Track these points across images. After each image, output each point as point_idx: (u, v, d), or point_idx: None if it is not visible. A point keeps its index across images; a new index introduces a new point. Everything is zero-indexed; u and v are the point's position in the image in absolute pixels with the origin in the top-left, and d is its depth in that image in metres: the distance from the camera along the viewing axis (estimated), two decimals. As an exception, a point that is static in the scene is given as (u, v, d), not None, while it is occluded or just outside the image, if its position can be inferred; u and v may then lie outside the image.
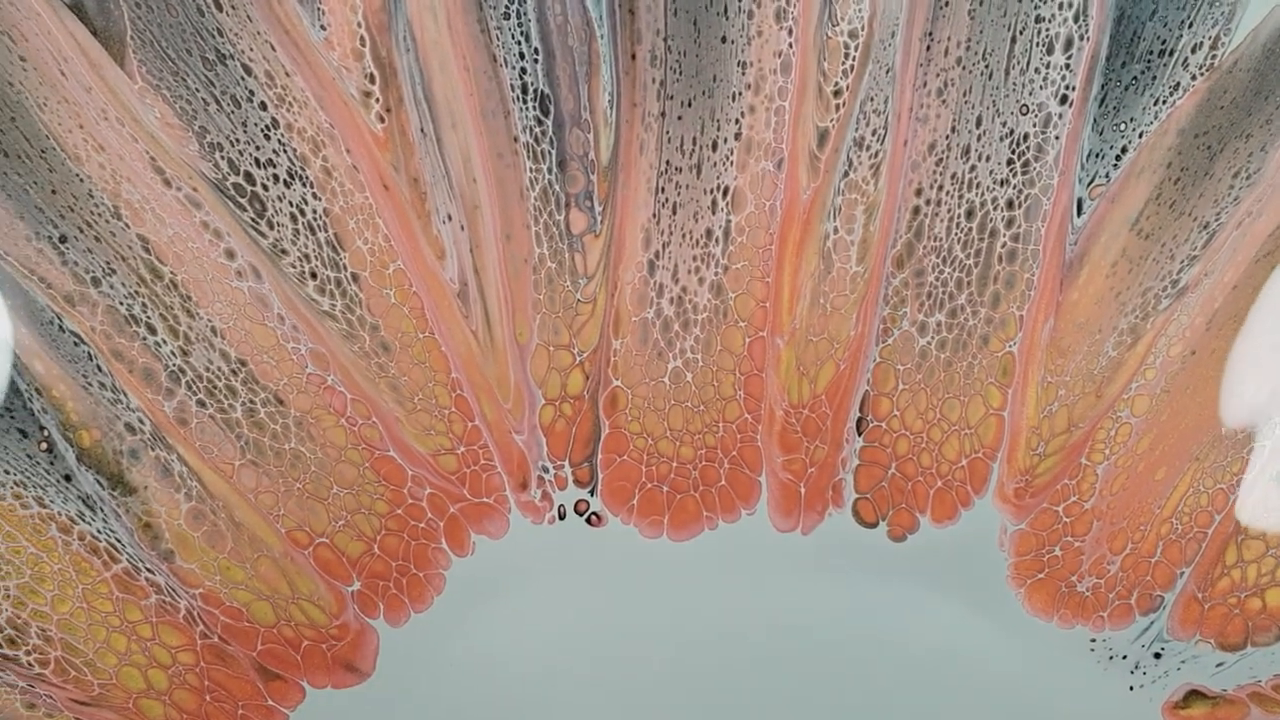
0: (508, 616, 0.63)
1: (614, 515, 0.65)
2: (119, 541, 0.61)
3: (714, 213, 0.63)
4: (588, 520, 0.65)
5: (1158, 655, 0.63)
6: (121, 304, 0.60)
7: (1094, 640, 0.63)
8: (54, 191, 0.59)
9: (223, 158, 0.60)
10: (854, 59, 0.60)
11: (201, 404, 0.62)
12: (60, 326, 0.60)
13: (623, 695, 0.63)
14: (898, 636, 0.63)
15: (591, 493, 0.65)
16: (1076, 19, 0.59)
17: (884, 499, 0.65)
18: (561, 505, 0.65)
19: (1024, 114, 0.61)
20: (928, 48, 0.61)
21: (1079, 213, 0.62)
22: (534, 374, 0.64)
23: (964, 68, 0.61)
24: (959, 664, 0.63)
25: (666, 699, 0.63)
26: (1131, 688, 0.63)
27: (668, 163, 0.62)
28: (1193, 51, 0.60)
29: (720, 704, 0.63)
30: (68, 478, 0.60)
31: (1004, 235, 0.62)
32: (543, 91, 0.61)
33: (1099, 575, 0.63)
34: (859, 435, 0.64)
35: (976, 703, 0.63)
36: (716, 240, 0.63)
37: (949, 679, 0.63)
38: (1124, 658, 0.63)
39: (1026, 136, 0.61)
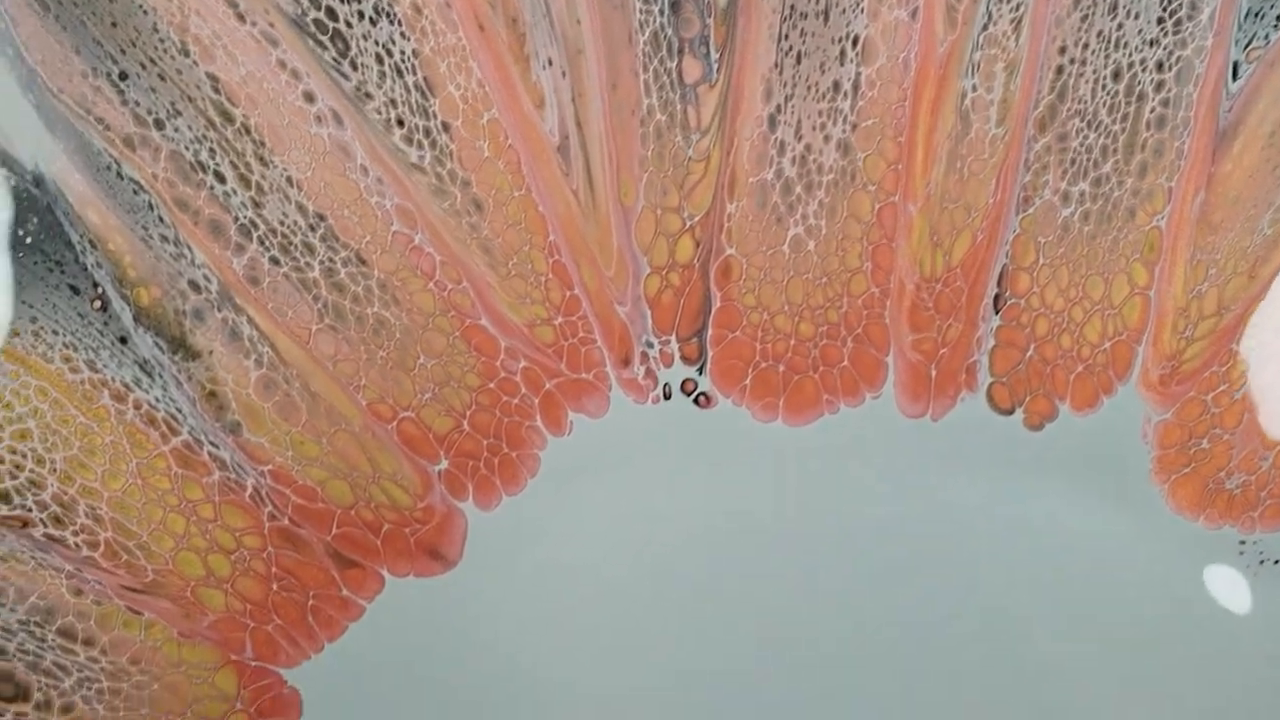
0: (606, 502, 0.57)
1: (724, 396, 0.57)
2: (179, 412, 0.54)
3: (842, 64, 0.55)
4: (695, 401, 0.57)
5: None
6: (187, 149, 0.53)
7: (1243, 542, 0.57)
8: (114, 24, 0.52)
9: None
10: (994, -97, 0.52)
11: (275, 261, 0.54)
12: (118, 173, 0.53)
13: (727, 589, 0.57)
14: (1031, 532, 0.57)
15: (700, 371, 0.57)
16: None
17: (1021, 383, 0.57)
18: (667, 384, 0.57)
19: None
20: (1074, -108, 0.52)
21: (1234, 77, 0.55)
22: (639, 239, 0.56)
23: (1114, -84, 0.52)
24: (1095, 564, 0.57)
25: (775, 593, 0.57)
26: None
27: (792, 8, 0.54)
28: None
29: (834, 599, 0.57)
30: (123, 340, 0.53)
31: (1153, 100, 0.55)
32: None
33: (1250, 471, 0.57)
34: (996, 313, 0.57)
35: (1113, 604, 0.57)
36: (845, 94, 0.56)
37: (1084, 579, 0.57)
38: (1276, 562, 0.56)
39: None
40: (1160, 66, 0.55)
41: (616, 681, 0.56)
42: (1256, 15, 0.54)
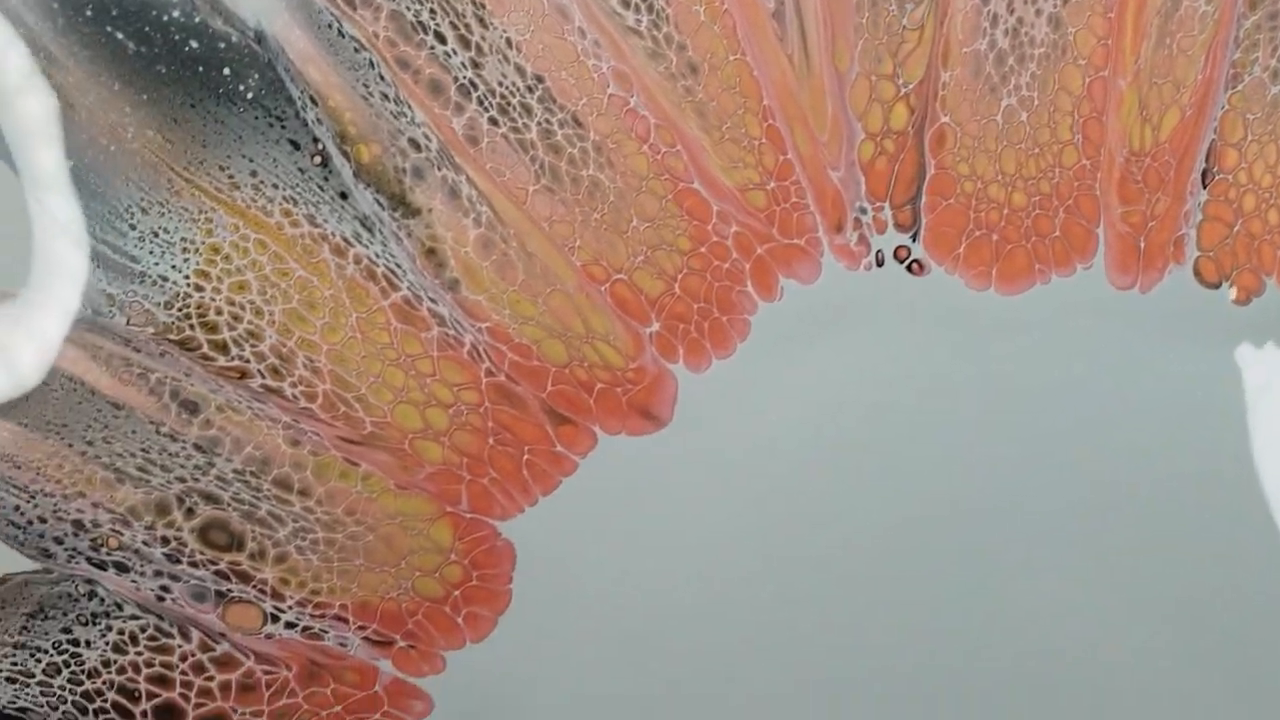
0: (817, 366, 0.52)
1: (937, 264, 0.52)
2: (399, 267, 0.50)
3: None
4: (908, 268, 0.52)
5: None
6: (408, 9, 0.49)
7: None
8: None
9: None
10: None
11: (493, 122, 0.50)
12: (339, 31, 0.48)
13: (934, 451, 0.52)
14: (1237, 405, 0.52)
15: (913, 238, 0.52)
16: None
17: (1228, 258, 0.52)
18: (880, 250, 0.52)
19: None
20: None
21: None
22: (853, 105, 0.51)
23: None
24: None
25: (982, 458, 0.52)
26: None
27: None
28: None
29: (1040, 466, 0.52)
30: (343, 195, 0.49)
31: None
32: None
33: None
34: (1203, 188, 0.52)
35: None
36: None
37: None
38: None
39: None
40: None
41: (818, 545, 0.52)
42: None
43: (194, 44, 0.47)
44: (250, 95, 0.48)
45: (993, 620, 0.52)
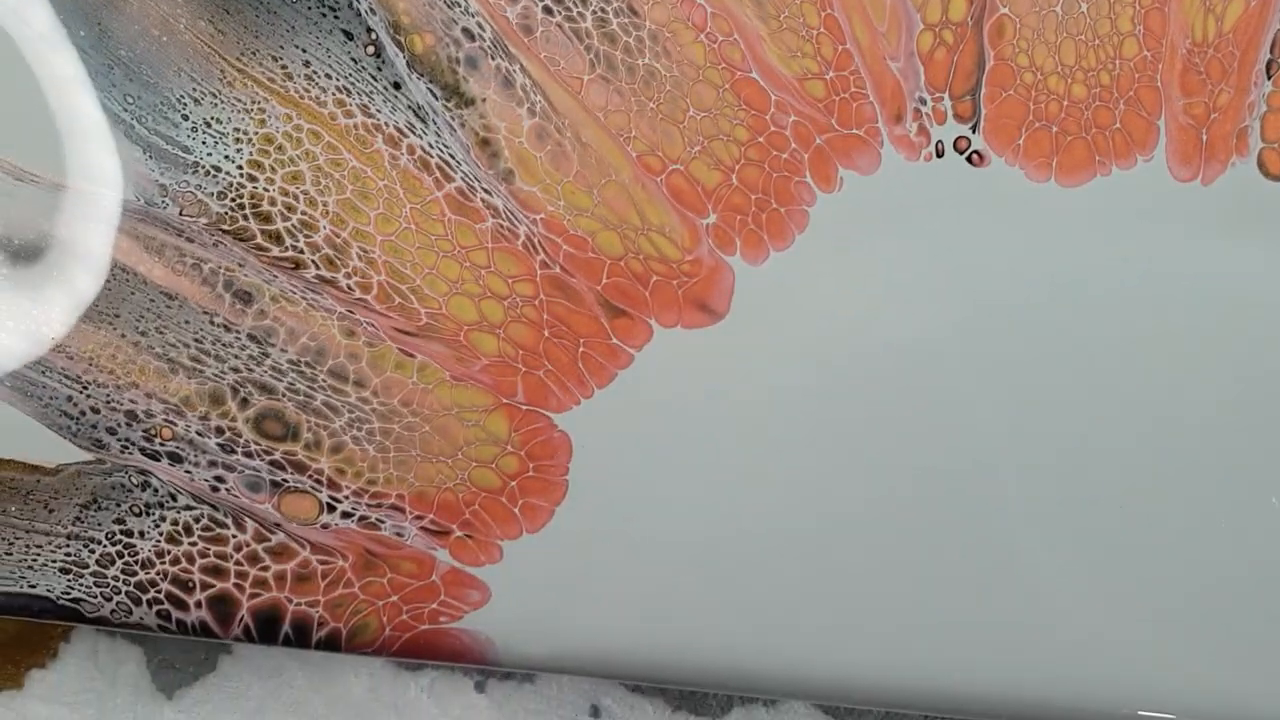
0: (878, 258, 0.51)
1: (998, 155, 0.51)
2: (453, 158, 0.50)
3: None
4: (968, 159, 0.51)
5: None
6: None
7: None
8: None
9: None
10: None
11: (548, 10, 0.49)
12: None
13: (998, 346, 0.51)
14: None
15: (973, 129, 0.51)
16: None
17: None
18: (940, 141, 0.51)
19: None
20: None
21: None
22: None
23: None
24: None
25: (1044, 352, 0.51)
26: None
27: None
28: None
29: (1105, 355, 0.51)
30: (397, 85, 0.49)
31: None
32: None
33: None
34: (1268, 79, 0.51)
35: None
36: None
37: None
38: None
39: None
40: None
41: (871, 435, 0.51)
42: None
43: (247, -69, 0.47)
44: (303, -17, 0.47)
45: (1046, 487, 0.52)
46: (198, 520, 0.49)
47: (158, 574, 0.49)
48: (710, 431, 0.50)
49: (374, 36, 0.47)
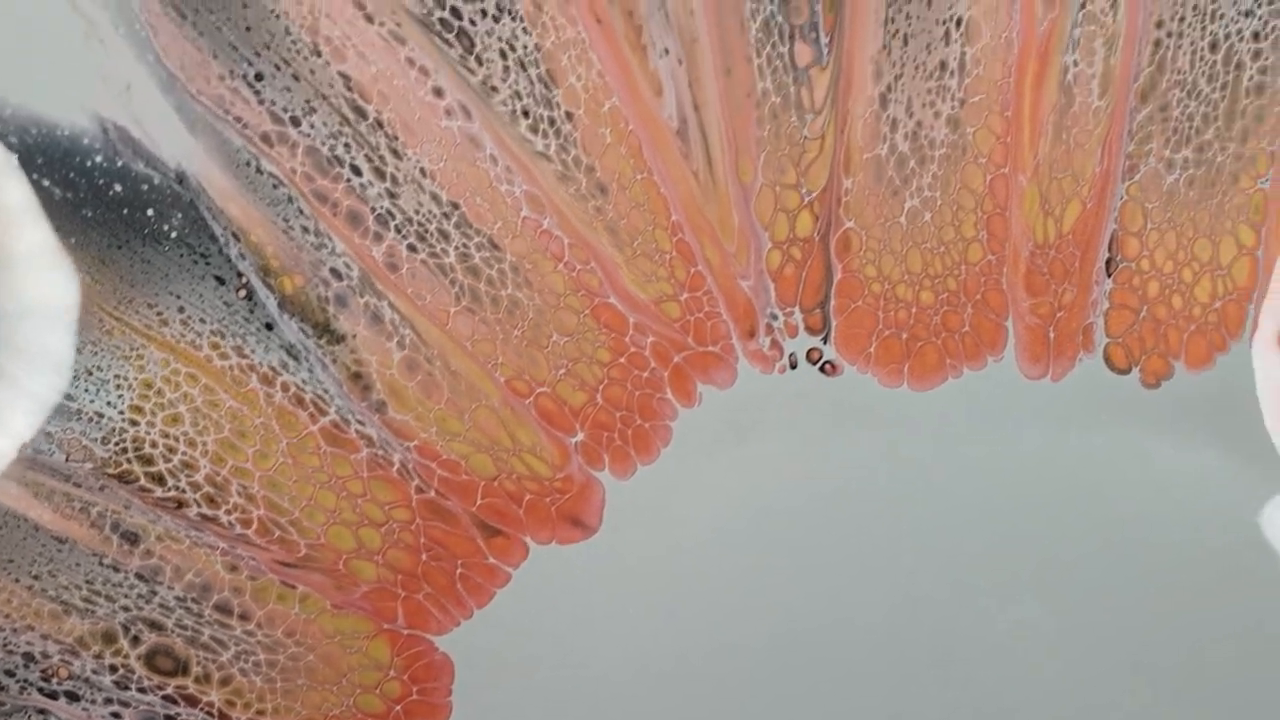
0: (738, 468, 0.53)
1: (850, 364, 0.54)
2: (326, 393, 0.52)
3: (947, 44, 0.52)
4: (821, 369, 0.54)
5: None
6: (323, 144, 0.51)
7: None
8: (248, 29, 0.49)
9: None
10: (1085, -117, 0.50)
11: (412, 248, 0.52)
12: (258, 168, 0.50)
13: (856, 549, 0.54)
14: (1154, 486, 0.54)
15: (825, 340, 0.54)
16: None
17: (1136, 343, 0.54)
18: (793, 353, 0.54)
19: None
20: None
21: None
22: (759, 215, 0.53)
23: (1202, -110, 0.50)
24: (1218, 515, 0.53)
25: (907, 552, 0.54)
26: None
27: None
28: None
29: (960, 556, 0.54)
30: (269, 326, 0.51)
31: (1250, 68, 0.52)
32: None
33: None
34: (1108, 277, 0.54)
35: (1239, 555, 0.53)
36: (951, 73, 0.52)
37: (1210, 531, 0.53)
38: None
39: None
40: (1256, 36, 0.52)
41: (750, 639, 0.53)
42: None
43: (118, 187, 0.49)
44: (174, 234, 0.50)
45: (916, 708, 0.54)
46: (96, 756, 0.51)
47: (59, 810, 0.51)
48: (589, 644, 0.52)
49: (245, 280, 0.50)
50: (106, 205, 0.50)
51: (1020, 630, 0.53)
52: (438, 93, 0.51)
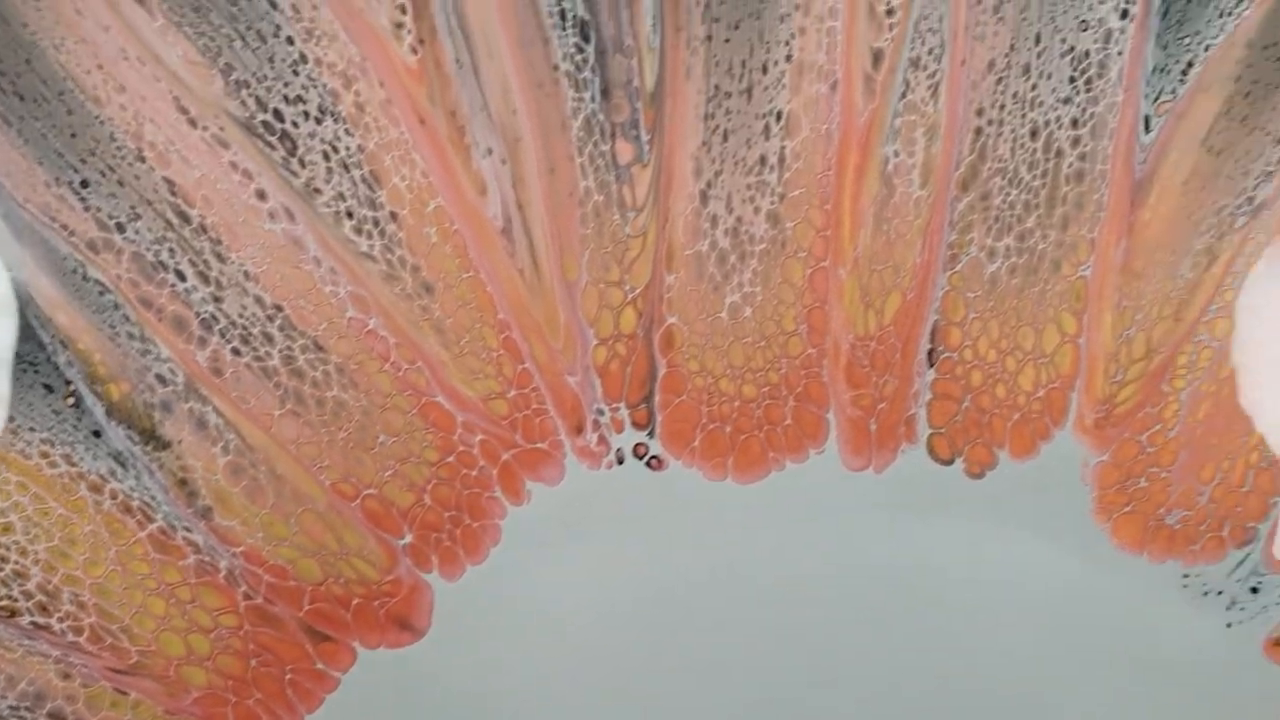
0: (568, 566, 0.61)
1: (675, 458, 0.62)
2: (153, 499, 0.58)
3: (767, 139, 0.60)
4: (648, 464, 0.62)
5: (1255, 590, 0.61)
6: (148, 250, 0.58)
7: (1186, 575, 0.61)
8: (73, 135, 0.56)
9: (250, 95, 0.58)
10: (906, -24, 0.55)
11: (236, 352, 0.59)
12: (84, 275, 0.57)
13: (689, 643, 0.61)
14: (980, 576, 0.61)
15: (650, 435, 0.62)
16: (1135, -71, 0.54)
17: (959, 433, 0.62)
18: (620, 449, 0.62)
19: (1084, 30, 0.59)
20: (982, -37, 0.55)
21: (1147, 130, 0.59)
22: (585, 312, 0.61)
23: (1021, -17, 0.55)
24: (1046, 603, 0.61)
25: (734, 646, 0.61)
26: (1229, 624, 0.61)
27: (716, 87, 0.59)
28: (1257, -40, 0.54)
29: (792, 650, 0.61)
30: (97, 433, 0.58)
31: (1070, 155, 0.60)
32: (582, 18, 0.58)
33: (1188, 507, 0.61)
34: (930, 367, 0.62)
35: (1066, 642, 0.61)
36: (771, 167, 0.60)
37: (1035, 619, 0.61)
38: (1219, 593, 0.61)
39: (1088, 53, 0.59)
40: (1075, 123, 0.59)
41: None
42: (1163, 70, 0.59)
43: (-56, 297, 0.56)
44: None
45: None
46: None
47: None
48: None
49: (73, 388, 0.56)
50: (-68, 315, 0.55)
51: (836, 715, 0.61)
52: (261, 195, 0.59)
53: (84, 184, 0.57)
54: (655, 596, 0.61)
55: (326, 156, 0.59)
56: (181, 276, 0.58)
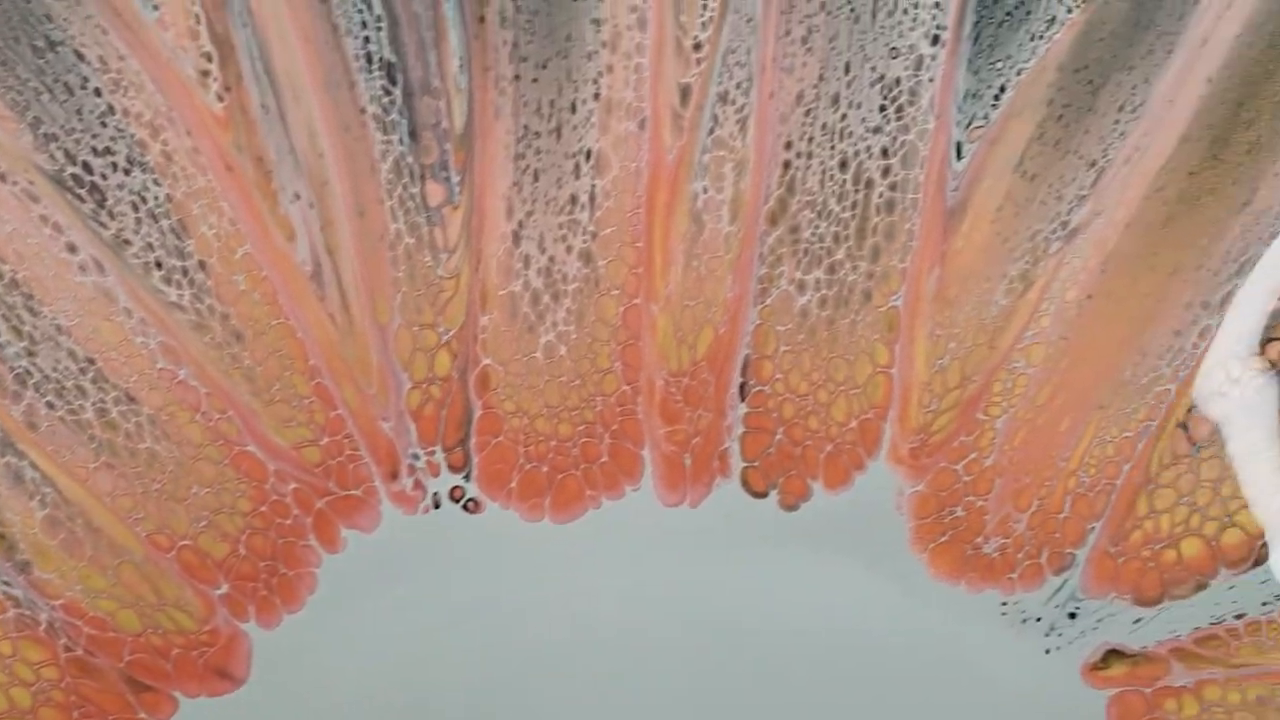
0: (386, 612, 0.67)
1: (492, 500, 0.68)
2: None
3: (577, 178, 0.66)
4: (464, 507, 0.68)
5: (1073, 615, 0.67)
6: None
7: (1005, 603, 0.67)
8: None
9: (58, 148, 0.63)
10: (713, 10, 0.63)
11: (51, 406, 0.65)
12: None
13: (511, 687, 0.66)
14: (796, 609, 0.67)
15: (467, 478, 0.68)
16: (944, -46, 0.58)
17: (773, 466, 0.68)
18: (436, 493, 0.68)
19: (894, 57, 0.64)
20: (790, -7, 0.58)
21: (959, 157, 0.65)
22: (398, 356, 0.67)
23: (828, 13, 0.64)
24: (864, 635, 0.67)
25: (557, 687, 0.66)
26: (1048, 650, 0.67)
27: (526, 127, 0.65)
28: (1067, -16, 0.57)
29: (613, 688, 0.67)
30: None
31: (880, 185, 0.66)
32: (389, 60, 0.64)
33: (1006, 535, 0.67)
34: (743, 401, 0.67)
35: (885, 674, 0.67)
36: (582, 206, 0.66)
37: (854, 651, 0.67)
38: (1038, 620, 0.67)
39: (898, 81, 0.64)
40: (885, 152, 0.65)
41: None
42: (975, 96, 0.64)
43: None
44: None
45: None
46: None
47: None
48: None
49: None
50: None
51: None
52: (72, 249, 0.64)
53: (-110, 242, 0.58)
54: (474, 639, 0.66)
55: (135, 207, 0.64)
56: (-6, 331, 0.60)
